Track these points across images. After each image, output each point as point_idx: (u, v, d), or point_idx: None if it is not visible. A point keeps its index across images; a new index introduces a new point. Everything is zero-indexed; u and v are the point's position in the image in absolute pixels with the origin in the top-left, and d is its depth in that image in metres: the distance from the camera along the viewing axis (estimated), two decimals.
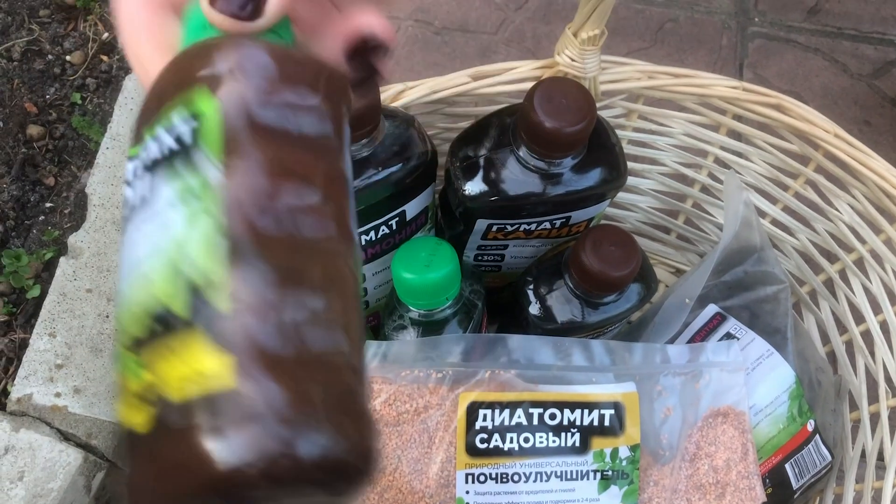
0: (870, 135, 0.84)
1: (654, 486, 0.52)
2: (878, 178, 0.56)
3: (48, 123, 0.86)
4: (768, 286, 0.61)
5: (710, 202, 0.68)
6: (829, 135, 0.57)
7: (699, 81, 0.58)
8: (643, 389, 0.53)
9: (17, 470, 0.65)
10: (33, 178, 0.83)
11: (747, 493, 0.53)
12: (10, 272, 0.75)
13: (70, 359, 0.70)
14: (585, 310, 0.56)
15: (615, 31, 0.90)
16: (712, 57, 0.89)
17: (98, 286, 0.73)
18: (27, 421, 0.67)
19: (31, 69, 0.89)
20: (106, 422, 0.68)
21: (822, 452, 0.59)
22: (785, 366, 0.58)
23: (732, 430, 0.54)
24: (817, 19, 0.93)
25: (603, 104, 0.60)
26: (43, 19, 0.92)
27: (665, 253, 0.75)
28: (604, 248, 0.52)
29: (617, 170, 0.54)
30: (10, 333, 0.74)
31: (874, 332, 0.60)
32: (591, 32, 0.52)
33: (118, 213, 0.77)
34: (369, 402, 0.23)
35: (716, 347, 0.55)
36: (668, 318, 0.58)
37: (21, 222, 0.80)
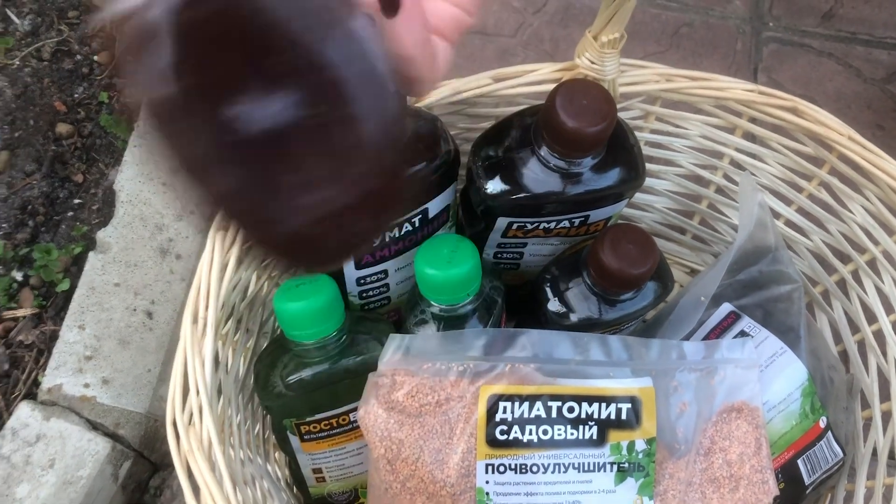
0: (882, 139, 0.85)
1: (669, 478, 0.53)
2: (890, 180, 0.57)
3: (77, 122, 0.88)
4: (782, 285, 0.62)
5: (726, 203, 0.69)
6: (843, 137, 0.58)
7: (716, 84, 0.60)
8: (659, 384, 0.54)
9: (48, 457, 0.66)
10: (62, 174, 0.85)
11: (760, 487, 0.54)
12: (41, 266, 0.77)
13: (98, 350, 0.72)
14: (603, 307, 0.57)
15: (631, 34, 0.91)
16: (727, 61, 0.91)
17: (126, 280, 0.75)
18: (57, 410, 0.69)
19: (60, 69, 0.91)
20: (133, 412, 0.70)
21: (834, 449, 0.61)
22: (798, 363, 0.59)
23: (746, 425, 0.55)
24: (831, 24, 0.94)
25: (621, 106, 0.61)
26: (72, 20, 0.94)
27: (680, 253, 0.76)
28: (622, 247, 0.54)
29: (635, 170, 0.55)
30: (40, 325, 0.76)
31: (886, 332, 0.61)
32: (610, 36, 0.53)
33: (145, 209, 0.79)
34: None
35: (730, 345, 0.56)
36: (683, 315, 0.60)
37: (50, 218, 0.83)
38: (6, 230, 0.81)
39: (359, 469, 0.58)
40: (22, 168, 0.84)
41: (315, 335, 0.50)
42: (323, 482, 0.58)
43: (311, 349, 0.50)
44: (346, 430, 0.55)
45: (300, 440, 0.55)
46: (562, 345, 0.54)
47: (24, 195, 0.83)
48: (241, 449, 0.51)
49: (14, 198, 0.82)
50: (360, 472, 0.58)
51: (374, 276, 0.57)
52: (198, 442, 0.44)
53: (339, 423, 0.54)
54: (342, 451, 0.56)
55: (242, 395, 0.54)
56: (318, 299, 0.48)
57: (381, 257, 0.56)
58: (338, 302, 0.50)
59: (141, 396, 0.71)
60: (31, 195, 0.83)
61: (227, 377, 0.51)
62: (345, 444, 0.56)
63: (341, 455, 0.56)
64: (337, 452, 0.56)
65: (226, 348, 0.51)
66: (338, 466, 0.57)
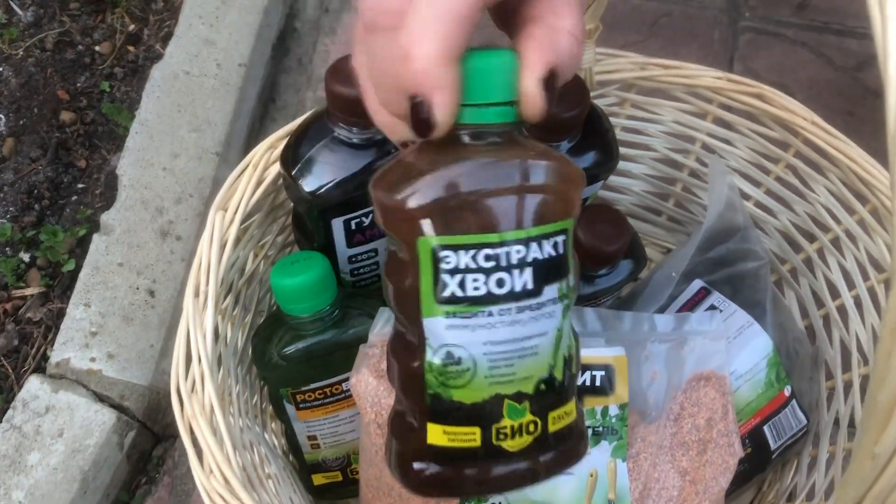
0: (853, 124, 0.88)
1: (641, 442, 0.56)
2: (852, 162, 0.60)
3: (79, 110, 0.91)
4: (749, 262, 0.65)
5: (699, 186, 0.73)
6: (807, 122, 0.61)
7: (687, 72, 0.63)
8: (632, 354, 0.57)
9: (57, 427, 0.70)
10: (66, 160, 0.88)
11: (727, 449, 0.57)
12: (47, 247, 0.80)
13: (103, 327, 0.75)
14: (580, 283, 0.60)
15: (612, 24, 0.94)
16: (704, 50, 0.94)
17: (129, 260, 0.78)
18: (65, 383, 0.72)
19: (62, 59, 0.94)
20: (137, 385, 0.73)
21: (799, 416, 0.64)
22: (764, 335, 0.62)
23: (714, 392, 0.58)
24: (805, 14, 0.97)
25: (598, 93, 0.65)
26: (73, 12, 0.97)
27: (656, 234, 0.79)
28: (597, 226, 0.57)
29: (610, 153, 0.59)
30: (47, 304, 0.79)
31: (848, 307, 0.64)
32: (587, 27, 0.57)
33: (146, 193, 0.82)
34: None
35: (699, 317, 0.59)
36: (655, 291, 0.63)
37: (56, 202, 0.86)
38: (14, 213, 0.84)
39: (351, 436, 0.61)
40: (27, 154, 0.87)
41: (310, 309, 0.53)
42: (318, 449, 0.61)
43: (305, 323, 0.53)
44: (339, 399, 0.58)
45: (296, 409, 0.58)
46: None
47: (30, 180, 0.86)
48: (240, 417, 0.54)
49: (21, 183, 0.86)
50: (353, 439, 0.61)
51: (365, 255, 0.59)
52: (200, 407, 0.47)
53: (332, 392, 0.57)
54: (335, 419, 0.59)
55: (241, 367, 0.57)
56: (313, 275, 0.51)
57: (371, 236, 0.58)
58: (331, 278, 0.53)
59: (144, 370, 0.74)
60: (36, 180, 0.86)
61: (226, 349, 0.54)
62: (338, 412, 0.59)
63: (335, 422, 0.59)
64: (331, 420, 0.59)
65: (225, 322, 0.54)
66: (331, 433, 0.60)
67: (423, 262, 0.32)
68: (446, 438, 0.34)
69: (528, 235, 0.32)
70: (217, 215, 0.52)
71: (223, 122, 0.88)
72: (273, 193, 0.57)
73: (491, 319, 0.33)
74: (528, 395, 0.34)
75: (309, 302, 0.52)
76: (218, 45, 0.93)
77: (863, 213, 0.61)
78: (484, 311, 0.32)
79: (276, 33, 1.00)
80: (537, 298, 0.33)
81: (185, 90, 0.89)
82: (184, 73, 0.90)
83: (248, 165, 0.55)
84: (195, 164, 0.85)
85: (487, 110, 0.32)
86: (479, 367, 0.33)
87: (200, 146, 0.86)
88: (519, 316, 0.33)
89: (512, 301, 0.32)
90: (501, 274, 0.32)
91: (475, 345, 0.33)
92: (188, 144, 0.86)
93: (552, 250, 0.33)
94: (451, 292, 0.32)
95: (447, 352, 0.33)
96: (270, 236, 0.61)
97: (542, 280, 0.33)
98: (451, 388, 0.33)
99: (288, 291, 0.52)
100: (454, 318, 0.33)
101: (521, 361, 0.33)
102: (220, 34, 0.93)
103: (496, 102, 0.32)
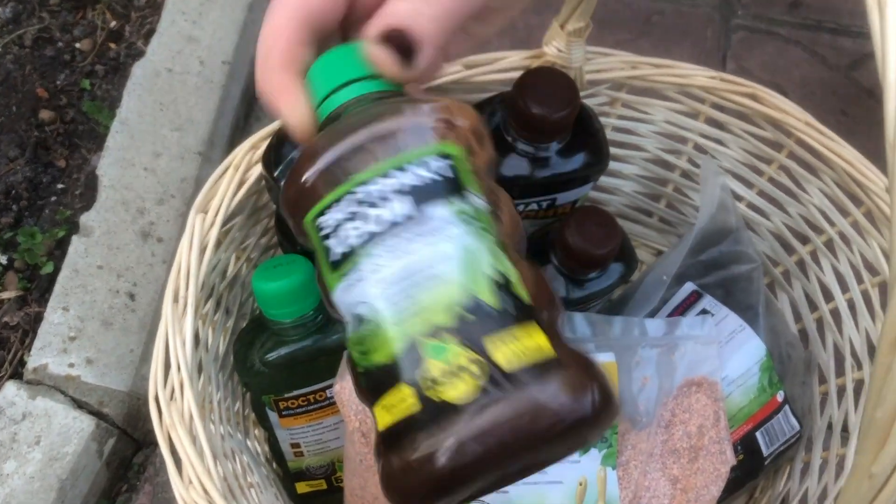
0: (847, 124, 0.88)
1: (631, 449, 0.56)
2: (846, 164, 0.59)
3: (59, 108, 0.90)
4: (742, 265, 0.64)
5: (690, 187, 0.72)
6: (800, 122, 0.60)
7: (679, 72, 0.62)
8: (622, 360, 0.56)
9: (34, 435, 0.68)
10: (45, 160, 0.87)
11: (718, 457, 0.57)
12: (25, 249, 0.78)
13: (82, 331, 0.73)
14: (570, 286, 0.59)
15: (603, 22, 0.93)
16: (697, 49, 0.93)
17: (108, 263, 0.77)
18: (43, 389, 0.71)
19: (42, 56, 0.92)
20: (117, 391, 0.72)
21: (791, 422, 0.63)
22: (756, 340, 0.62)
23: (705, 398, 0.57)
24: (798, 13, 0.96)
25: (588, 93, 0.63)
26: (53, 8, 0.96)
27: (647, 236, 0.78)
28: (587, 228, 0.56)
29: (600, 154, 0.58)
30: (25, 307, 0.78)
31: (842, 310, 0.64)
32: (576, 25, 0.56)
33: (127, 193, 0.81)
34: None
35: (691, 322, 0.59)
36: (646, 293, 0.62)
37: (34, 202, 0.84)
38: None
39: (335, 443, 0.60)
40: (5, 154, 0.86)
41: (293, 314, 0.51)
42: (301, 456, 0.60)
43: (288, 328, 0.52)
44: (322, 406, 0.57)
45: (279, 416, 0.57)
46: None
47: (8, 180, 0.84)
48: (222, 424, 0.53)
49: None
50: (337, 447, 0.60)
51: None
52: (179, 416, 0.46)
53: (316, 399, 0.56)
54: (319, 426, 0.58)
55: (222, 373, 0.56)
56: (295, 279, 0.50)
57: None
58: (314, 282, 0.52)
59: (124, 376, 0.73)
60: (14, 180, 0.84)
61: (207, 355, 0.52)
62: (322, 420, 0.58)
63: (318, 430, 0.58)
64: (314, 427, 0.58)
65: (206, 327, 0.53)
66: (315, 441, 0.59)
67: (314, 240, 0.32)
68: (388, 414, 0.30)
69: (388, 166, 0.31)
70: (197, 218, 0.51)
71: (206, 120, 0.87)
72: (256, 195, 0.56)
73: (379, 260, 0.30)
74: (447, 327, 0.29)
75: (292, 307, 0.51)
76: (201, 42, 0.91)
77: (857, 215, 0.60)
78: (369, 253, 0.30)
79: (260, 30, 0.98)
80: (424, 221, 0.30)
81: (167, 88, 0.88)
82: (166, 70, 0.89)
83: (229, 166, 0.54)
84: (177, 164, 0.84)
85: (339, 93, 0.34)
86: (383, 314, 0.30)
87: (183, 145, 0.85)
88: (409, 245, 0.30)
89: (396, 232, 0.30)
90: (376, 211, 0.31)
91: (372, 293, 0.30)
92: (170, 144, 0.84)
93: (428, 172, 0.31)
94: (337, 252, 0.31)
95: (353, 315, 0.31)
96: (253, 239, 0.59)
97: (422, 201, 0.31)
98: (370, 354, 0.30)
99: (270, 296, 0.51)
100: (348, 276, 0.31)
101: (425, 291, 0.30)
102: (203, 31, 0.92)
103: (344, 83, 0.34)
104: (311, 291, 0.51)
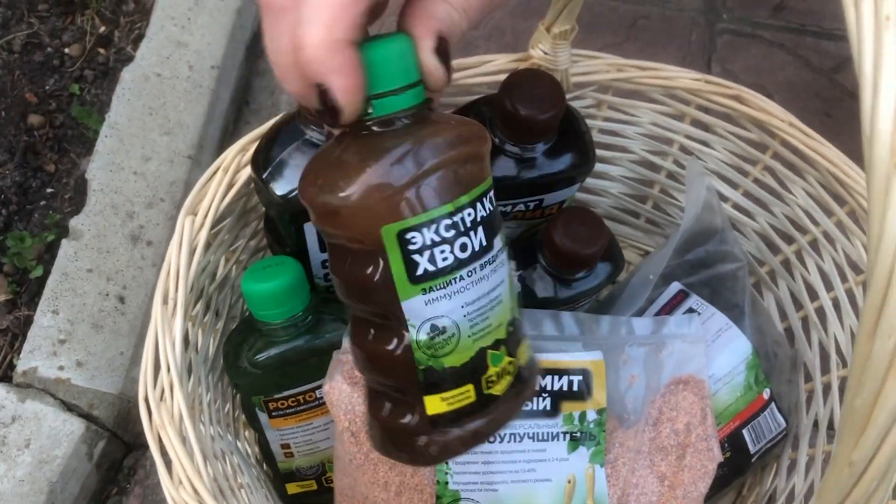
0: (830, 126, 0.89)
1: (619, 447, 0.56)
2: (829, 164, 0.60)
3: (48, 113, 0.90)
4: (727, 264, 0.65)
5: (676, 188, 0.72)
6: (784, 123, 0.61)
7: (664, 74, 0.62)
8: (610, 358, 0.56)
9: (24, 438, 0.68)
10: (34, 164, 0.87)
11: (706, 454, 0.57)
12: (15, 253, 0.78)
13: (72, 334, 0.73)
14: (558, 286, 0.60)
15: (589, 26, 0.94)
16: (682, 52, 0.94)
17: (98, 266, 0.77)
18: (32, 392, 0.71)
19: (31, 61, 0.92)
20: (107, 394, 0.72)
21: (778, 419, 0.64)
22: (742, 338, 0.62)
23: (692, 396, 0.58)
24: (782, 16, 0.97)
25: (574, 95, 0.64)
26: (42, 13, 0.96)
27: (634, 237, 0.79)
28: (574, 229, 0.56)
29: (586, 155, 0.58)
30: (14, 311, 0.78)
31: (827, 309, 0.64)
32: (562, 27, 0.56)
33: (117, 197, 0.81)
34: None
35: (678, 321, 0.59)
36: (633, 293, 0.62)
37: (23, 207, 0.84)
38: None
39: (325, 444, 0.60)
40: None
41: (282, 315, 0.52)
42: (291, 457, 0.60)
43: (278, 329, 0.52)
44: (312, 407, 0.57)
45: (268, 417, 0.57)
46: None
47: None
48: (212, 426, 0.53)
49: None
50: (327, 447, 0.60)
51: None
52: (169, 417, 0.46)
53: (305, 400, 0.56)
54: (309, 427, 0.58)
55: (212, 375, 0.56)
56: (285, 280, 0.50)
57: None
58: (303, 283, 0.52)
59: (114, 378, 0.73)
60: (3, 185, 0.84)
61: (196, 357, 0.53)
62: (311, 420, 0.58)
63: (308, 430, 0.59)
64: (304, 428, 0.58)
65: (195, 329, 0.53)
66: (305, 441, 0.59)
67: (391, 248, 0.34)
68: (445, 405, 0.37)
69: (471, 198, 0.35)
70: (186, 220, 0.51)
71: (195, 124, 0.87)
72: (245, 197, 0.56)
73: (463, 283, 0.35)
74: (502, 340, 0.37)
75: (281, 308, 0.51)
76: (190, 46, 0.91)
77: (841, 215, 0.61)
78: (455, 277, 0.35)
79: (249, 35, 0.98)
80: (492, 252, 0.36)
81: (156, 93, 0.88)
82: (155, 75, 0.89)
83: (218, 169, 0.54)
84: (167, 168, 0.84)
85: (398, 97, 0.33)
86: (462, 330, 0.36)
87: (172, 149, 0.85)
88: (483, 272, 0.36)
89: (475, 261, 0.35)
90: (462, 239, 0.34)
91: (455, 311, 0.35)
92: (159, 148, 0.85)
93: (490, 205, 0.36)
94: (423, 269, 0.34)
95: (431, 325, 0.35)
96: (242, 241, 0.59)
97: (491, 234, 0.36)
98: (441, 357, 0.36)
99: (259, 297, 0.51)
100: (431, 292, 0.35)
101: (492, 312, 0.36)
102: (192, 36, 0.92)
103: (403, 87, 0.33)
104: (301, 292, 0.52)
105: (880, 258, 0.21)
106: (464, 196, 0.34)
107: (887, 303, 0.22)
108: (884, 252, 0.21)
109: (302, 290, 0.52)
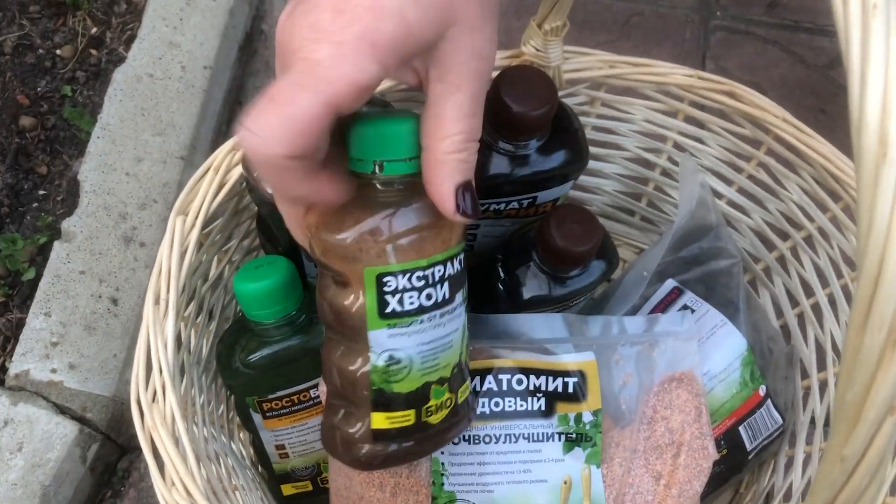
0: (825, 122, 0.88)
1: (615, 447, 0.56)
2: (824, 160, 0.59)
3: (40, 115, 0.89)
4: (722, 261, 0.65)
5: (671, 185, 0.72)
6: (777, 119, 0.61)
7: (657, 70, 0.62)
8: (602, 359, 0.56)
9: (16, 441, 0.68)
10: (26, 167, 0.86)
11: (701, 452, 0.57)
12: (6, 256, 0.78)
13: (65, 337, 0.73)
14: (552, 284, 0.59)
15: (583, 24, 0.94)
16: (676, 49, 0.94)
17: (91, 268, 0.77)
18: (25, 395, 0.70)
19: (22, 63, 0.92)
20: (100, 396, 0.71)
21: (774, 416, 0.63)
22: (737, 335, 0.62)
23: (686, 394, 0.58)
24: (776, 13, 0.97)
25: (567, 92, 0.64)
26: (33, 15, 0.95)
27: (629, 234, 0.79)
28: (568, 226, 0.56)
29: (579, 152, 0.58)
30: (6, 314, 0.77)
31: (822, 305, 0.64)
32: (553, 24, 0.56)
33: (109, 199, 0.81)
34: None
35: (670, 318, 0.59)
36: (628, 290, 0.62)
37: (15, 209, 0.84)
38: None
39: (320, 444, 0.60)
40: None
41: (275, 315, 0.51)
42: (286, 458, 0.60)
43: (271, 329, 0.52)
44: (307, 406, 0.57)
45: (262, 417, 0.56)
46: (511, 323, 0.56)
47: None
48: (205, 427, 0.53)
49: None
50: (322, 447, 0.60)
51: None
52: (161, 418, 0.46)
53: (300, 400, 0.56)
54: (304, 427, 0.58)
55: (205, 376, 0.56)
56: (277, 280, 0.50)
57: None
58: (296, 282, 0.51)
59: (107, 381, 0.72)
60: None
61: (189, 358, 0.52)
62: (306, 420, 0.58)
63: (303, 431, 0.58)
64: (299, 428, 0.58)
65: (188, 330, 0.53)
66: (300, 442, 0.59)
67: (369, 286, 0.39)
68: (388, 422, 0.43)
69: (444, 257, 0.40)
70: (177, 220, 0.51)
71: (188, 125, 0.87)
72: (237, 197, 0.56)
73: (422, 326, 0.41)
74: (447, 378, 0.43)
75: (274, 307, 0.51)
76: (182, 47, 0.91)
77: (836, 211, 0.61)
78: (417, 320, 0.41)
79: (242, 35, 0.98)
80: (452, 304, 0.42)
81: (148, 93, 0.88)
82: (147, 76, 0.89)
83: (209, 168, 0.53)
84: (159, 169, 0.83)
85: (404, 164, 0.38)
86: (415, 364, 0.42)
87: (165, 150, 0.85)
88: (441, 320, 0.42)
89: (436, 309, 0.41)
90: (430, 290, 0.40)
91: (411, 347, 0.41)
92: (152, 149, 0.84)
93: (459, 265, 0.42)
94: (392, 309, 0.40)
95: (389, 355, 0.41)
96: (234, 241, 0.59)
97: (454, 290, 0.42)
98: (393, 383, 0.42)
99: (252, 297, 0.50)
100: (395, 328, 0.41)
101: (443, 354, 0.43)
102: (184, 36, 0.92)
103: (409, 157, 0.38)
104: (293, 291, 0.51)
105: (870, 249, 0.21)
106: (438, 255, 0.40)
107: (877, 295, 0.21)
108: (873, 243, 0.21)
109: (294, 289, 0.51)
